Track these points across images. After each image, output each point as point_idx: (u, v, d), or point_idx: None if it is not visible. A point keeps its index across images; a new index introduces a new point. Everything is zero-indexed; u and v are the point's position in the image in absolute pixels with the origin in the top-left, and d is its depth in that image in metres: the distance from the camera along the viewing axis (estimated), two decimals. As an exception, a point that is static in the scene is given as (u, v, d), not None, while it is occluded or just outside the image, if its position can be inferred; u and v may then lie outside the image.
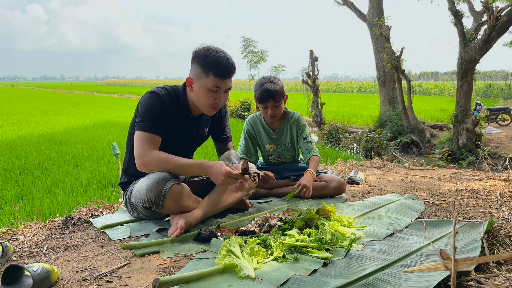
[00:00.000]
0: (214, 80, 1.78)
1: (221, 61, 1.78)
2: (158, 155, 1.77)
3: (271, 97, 2.42)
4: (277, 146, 2.67)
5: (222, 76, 1.79)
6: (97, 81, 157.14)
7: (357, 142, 8.31)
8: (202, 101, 1.84)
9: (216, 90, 1.81)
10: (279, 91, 2.44)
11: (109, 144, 7.37)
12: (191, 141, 2.06)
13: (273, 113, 2.48)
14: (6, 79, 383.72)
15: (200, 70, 1.79)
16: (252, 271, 1.33)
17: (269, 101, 2.43)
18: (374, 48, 12.29)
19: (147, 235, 1.81)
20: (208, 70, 1.77)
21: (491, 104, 14.12)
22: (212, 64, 1.77)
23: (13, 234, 1.84)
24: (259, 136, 2.67)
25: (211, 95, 1.82)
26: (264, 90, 2.42)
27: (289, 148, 2.68)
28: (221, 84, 1.81)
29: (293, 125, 2.64)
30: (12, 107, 18.15)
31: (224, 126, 2.18)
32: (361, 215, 2.07)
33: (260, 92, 2.44)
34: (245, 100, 15.61)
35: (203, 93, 1.82)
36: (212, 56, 1.78)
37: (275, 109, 2.47)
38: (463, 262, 0.84)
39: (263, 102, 2.45)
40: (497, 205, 2.25)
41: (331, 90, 43.91)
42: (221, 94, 1.85)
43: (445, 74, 63.67)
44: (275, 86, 2.43)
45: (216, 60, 1.77)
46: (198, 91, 1.83)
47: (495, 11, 7.41)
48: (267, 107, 2.47)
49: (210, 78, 1.78)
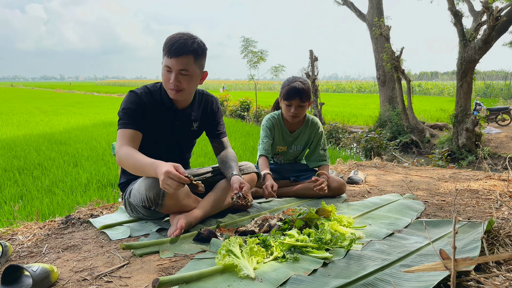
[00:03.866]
0: (166, 60, 1.77)
1: (174, 41, 1.75)
2: (125, 150, 1.74)
3: (298, 96, 2.38)
4: (288, 148, 2.64)
5: (170, 55, 1.75)
6: (97, 81, 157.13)
7: (357, 142, 8.31)
8: (163, 83, 1.86)
9: (169, 70, 1.79)
10: (307, 92, 2.41)
11: (109, 144, 7.36)
12: (179, 135, 2.03)
13: (295, 112, 2.43)
14: (6, 79, 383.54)
15: (162, 52, 1.81)
16: (252, 271, 1.33)
17: (295, 99, 2.39)
18: (374, 48, 12.29)
19: (146, 235, 1.81)
20: (164, 51, 1.78)
21: (491, 104, 14.12)
22: (166, 43, 1.77)
23: (12, 234, 1.84)
24: (277, 136, 2.63)
25: (166, 75, 1.81)
26: (293, 87, 2.39)
27: (299, 151, 2.67)
28: (171, 63, 1.76)
29: (311, 131, 2.61)
30: (11, 107, 18.14)
31: (217, 122, 2.15)
32: (361, 215, 2.07)
33: (288, 89, 2.40)
34: (244, 100, 15.60)
35: (162, 74, 1.83)
36: (171, 37, 1.78)
37: (299, 109, 2.43)
38: (462, 262, 0.84)
39: (289, 99, 2.40)
40: (497, 205, 2.25)
41: (331, 90, 43.92)
42: (176, 76, 1.78)
43: (445, 74, 63.70)
44: (304, 85, 2.40)
45: (170, 39, 1.76)
46: (162, 74, 1.85)
47: (494, 11, 7.42)
48: (292, 105, 2.42)
49: (164, 58, 1.79)
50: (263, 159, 2.48)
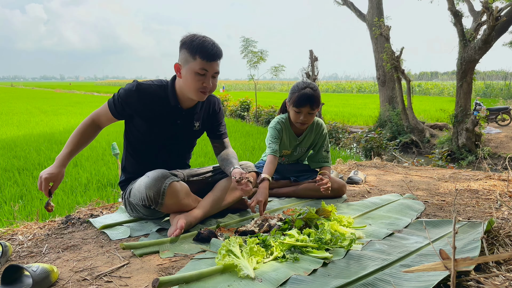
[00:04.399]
0: (201, 62, 1.78)
1: (207, 44, 1.79)
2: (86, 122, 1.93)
3: (309, 103, 2.29)
4: (293, 151, 2.60)
5: (208, 59, 1.78)
6: (97, 81, 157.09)
7: (357, 142, 8.32)
8: (190, 85, 1.83)
9: (203, 73, 1.80)
10: (318, 98, 2.33)
11: (109, 144, 7.36)
12: (181, 133, 2.03)
13: (305, 119, 2.36)
14: (6, 79, 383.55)
15: (187, 54, 1.80)
16: (252, 271, 1.33)
17: (305, 106, 2.30)
18: (374, 48, 12.29)
19: (146, 235, 1.81)
20: (195, 53, 1.77)
21: (491, 104, 14.13)
22: (199, 47, 1.77)
23: (12, 234, 1.84)
24: (285, 139, 2.57)
25: (199, 78, 1.81)
26: (304, 94, 2.29)
27: (302, 153, 2.64)
28: (208, 67, 1.80)
29: (317, 133, 2.56)
30: (11, 107, 18.14)
31: (219, 122, 2.16)
32: (361, 215, 2.07)
33: (299, 95, 2.31)
34: (244, 100, 15.61)
35: (190, 77, 1.81)
36: (199, 40, 1.79)
37: (308, 116, 2.35)
38: (462, 262, 0.84)
39: (299, 106, 2.32)
40: (497, 205, 2.25)
41: (331, 90, 43.93)
42: (209, 78, 1.83)
43: (445, 74, 63.69)
44: (314, 92, 2.32)
45: (203, 43, 1.78)
46: (186, 76, 1.82)
47: (494, 11, 7.42)
48: (301, 112, 2.33)
49: (197, 61, 1.78)
50: (272, 158, 2.34)
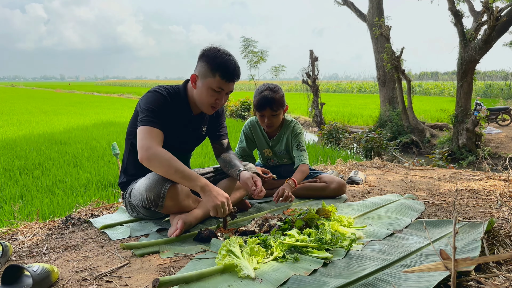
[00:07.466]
0: (219, 81, 1.81)
1: (229, 65, 1.81)
2: (164, 153, 1.71)
3: (269, 106, 2.33)
4: (274, 152, 2.63)
5: (228, 79, 1.82)
6: (97, 81, 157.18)
7: (357, 142, 8.31)
8: (204, 99, 1.86)
9: (219, 91, 1.84)
10: (278, 100, 2.35)
11: (109, 144, 7.37)
12: (191, 139, 2.08)
13: (269, 122, 2.39)
14: (6, 79, 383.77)
15: (207, 69, 1.81)
16: (252, 271, 1.33)
17: (266, 109, 2.34)
18: (374, 48, 12.28)
19: (147, 235, 1.81)
20: (215, 71, 1.80)
21: (491, 104, 14.12)
22: (221, 65, 1.80)
23: (13, 234, 1.84)
24: (257, 140, 2.61)
25: (213, 94, 1.84)
26: (262, 97, 2.34)
27: (285, 155, 2.64)
28: (225, 86, 1.84)
29: (289, 134, 2.55)
30: (12, 107, 18.14)
31: (221, 124, 2.20)
32: (361, 215, 2.07)
33: (258, 99, 2.36)
34: (245, 100, 15.61)
35: (206, 91, 1.84)
36: (222, 58, 1.81)
37: (272, 118, 2.38)
38: (463, 262, 0.84)
39: (260, 110, 2.36)
40: (497, 205, 2.25)
41: (331, 90, 43.90)
42: (223, 96, 1.88)
43: (445, 74, 63.65)
44: (274, 94, 2.34)
45: (225, 62, 1.81)
46: (202, 89, 1.85)
47: (495, 11, 7.41)
48: (264, 115, 2.38)
49: (216, 78, 1.81)
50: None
